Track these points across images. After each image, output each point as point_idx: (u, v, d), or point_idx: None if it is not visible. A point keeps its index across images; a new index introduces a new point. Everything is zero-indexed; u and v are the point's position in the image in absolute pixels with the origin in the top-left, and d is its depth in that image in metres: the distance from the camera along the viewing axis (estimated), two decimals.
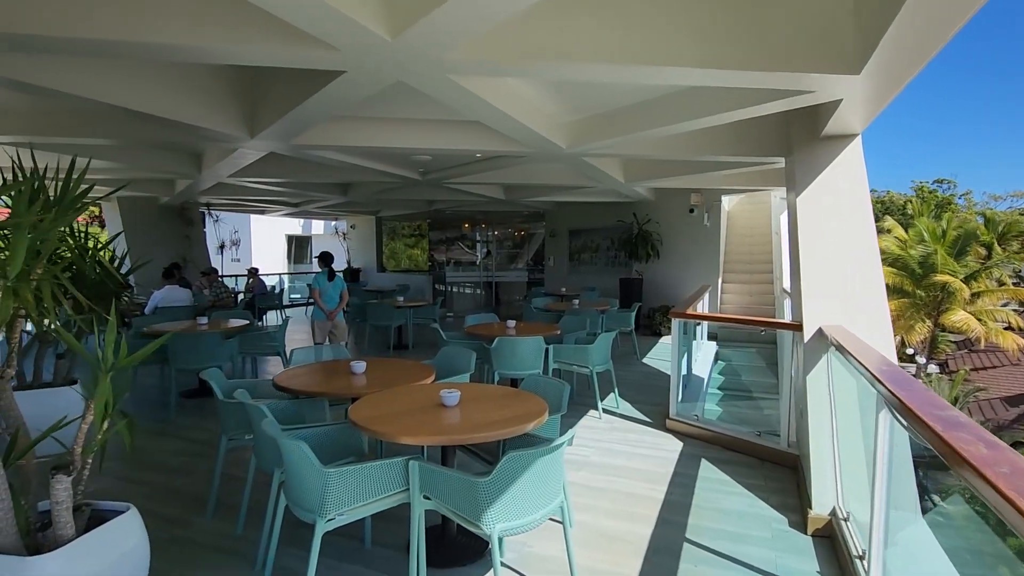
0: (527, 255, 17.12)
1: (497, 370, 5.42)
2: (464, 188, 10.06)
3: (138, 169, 8.16)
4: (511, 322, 6.19)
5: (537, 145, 6.07)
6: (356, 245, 17.49)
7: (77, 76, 4.38)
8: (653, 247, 11.64)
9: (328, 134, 5.92)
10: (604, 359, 5.75)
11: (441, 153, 6.85)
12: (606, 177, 8.29)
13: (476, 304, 15.82)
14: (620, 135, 5.57)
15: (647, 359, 8.61)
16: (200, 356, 5.56)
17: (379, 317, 8.91)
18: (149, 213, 12.11)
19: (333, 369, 3.99)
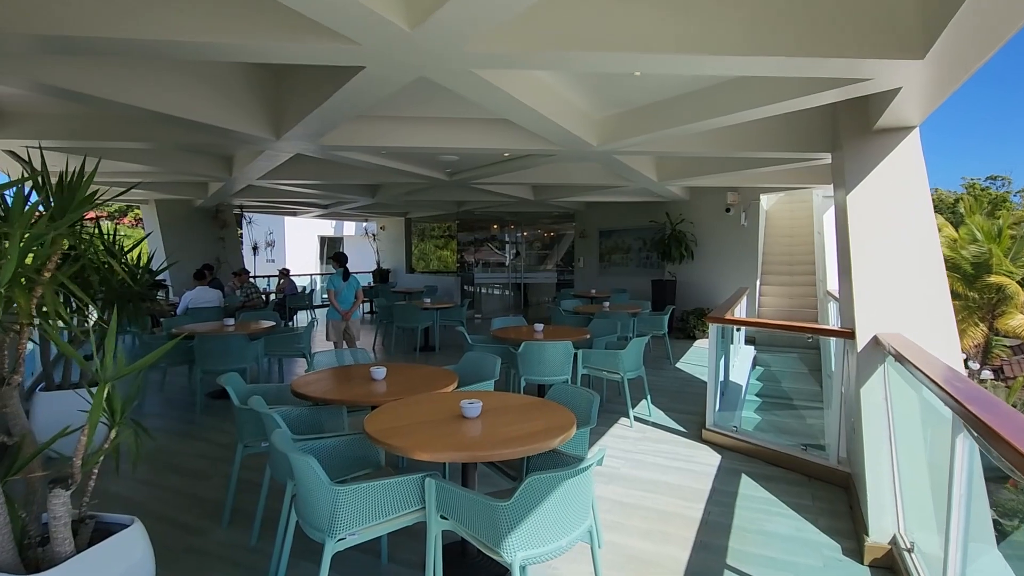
0: (557, 256, 16.88)
1: (524, 376, 5.23)
2: (492, 188, 9.91)
3: (172, 172, 8.25)
4: (539, 326, 5.99)
5: (566, 143, 5.85)
6: (385, 246, 17.54)
7: (109, 81, 4.38)
8: (687, 248, 11.26)
9: (353, 134, 5.82)
10: (636, 365, 5.49)
11: (468, 152, 6.69)
12: (638, 176, 8.01)
13: (505, 306, 15.66)
14: (654, 131, 5.31)
15: (681, 364, 8.29)
16: (225, 358, 5.53)
17: (405, 319, 8.81)
18: (185, 215, 12.33)
19: (353, 374, 3.85)
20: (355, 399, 3.32)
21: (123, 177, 8.72)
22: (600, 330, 6.62)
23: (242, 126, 5.26)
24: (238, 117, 5.21)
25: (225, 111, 5.11)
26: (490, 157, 7.49)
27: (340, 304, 7.13)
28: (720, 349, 5.38)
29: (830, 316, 8.50)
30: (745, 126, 5.92)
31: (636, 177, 8.18)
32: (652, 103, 5.34)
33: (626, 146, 5.93)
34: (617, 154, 6.43)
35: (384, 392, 3.48)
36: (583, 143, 5.78)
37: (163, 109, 4.66)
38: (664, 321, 8.37)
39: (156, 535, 3.29)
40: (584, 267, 14.29)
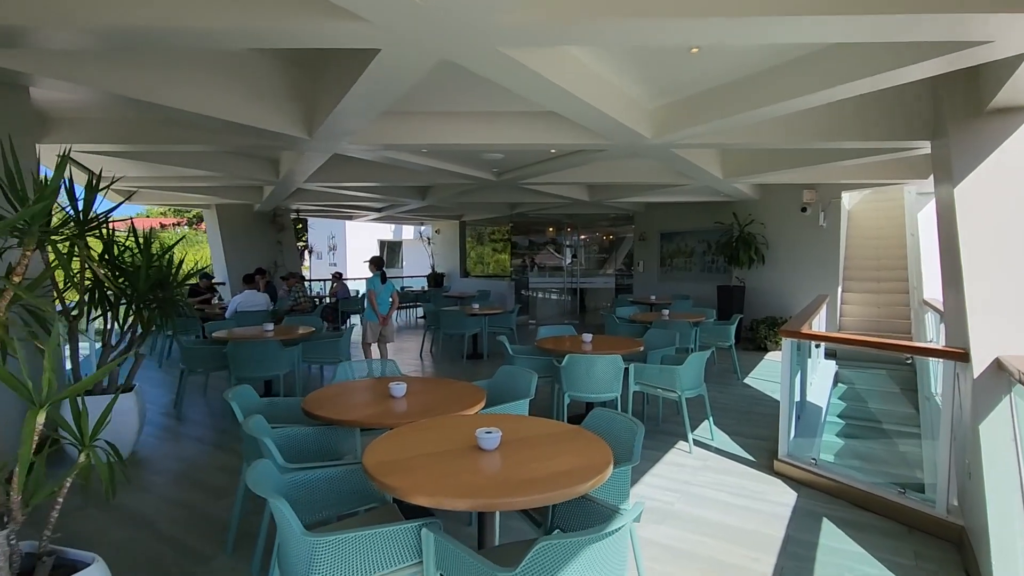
0: (616, 260, 16.20)
1: (568, 392, 4.73)
2: (545, 189, 9.45)
3: (226, 176, 8.31)
4: (587, 336, 5.47)
5: (617, 136, 5.32)
6: (440, 250, 17.43)
7: (144, 82, 4.28)
8: (757, 251, 10.36)
9: (387, 131, 5.54)
10: (696, 383, 4.87)
11: (512, 149, 6.27)
12: (701, 172, 7.33)
13: (561, 311, 15.13)
14: (715, 120, 4.70)
15: (750, 379, 7.50)
16: (259, 364, 5.36)
17: (452, 325, 8.49)
18: (244, 220, 12.61)
19: (371, 390, 3.50)
20: (366, 420, 2.95)
21: (185, 182, 8.91)
22: (657, 341, 6.02)
23: (277, 125, 5.09)
24: (271, 116, 5.04)
25: (259, 110, 4.95)
26: (537, 154, 7.04)
27: (378, 306, 7.12)
28: (796, 366, 4.68)
29: (928, 329, 7.47)
30: (825, 111, 5.19)
31: (698, 174, 7.49)
32: (712, 88, 4.74)
33: (684, 138, 5.33)
34: (675, 148, 5.82)
35: (401, 412, 3.10)
36: (636, 136, 5.24)
37: (198, 109, 4.54)
38: (730, 331, 7.62)
39: (155, 559, 3.08)
40: (643, 271, 13.55)
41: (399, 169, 8.05)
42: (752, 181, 8.38)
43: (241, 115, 4.83)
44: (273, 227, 13.27)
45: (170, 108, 4.42)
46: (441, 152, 6.88)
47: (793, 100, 4.12)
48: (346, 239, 27.65)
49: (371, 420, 2.95)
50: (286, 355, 5.47)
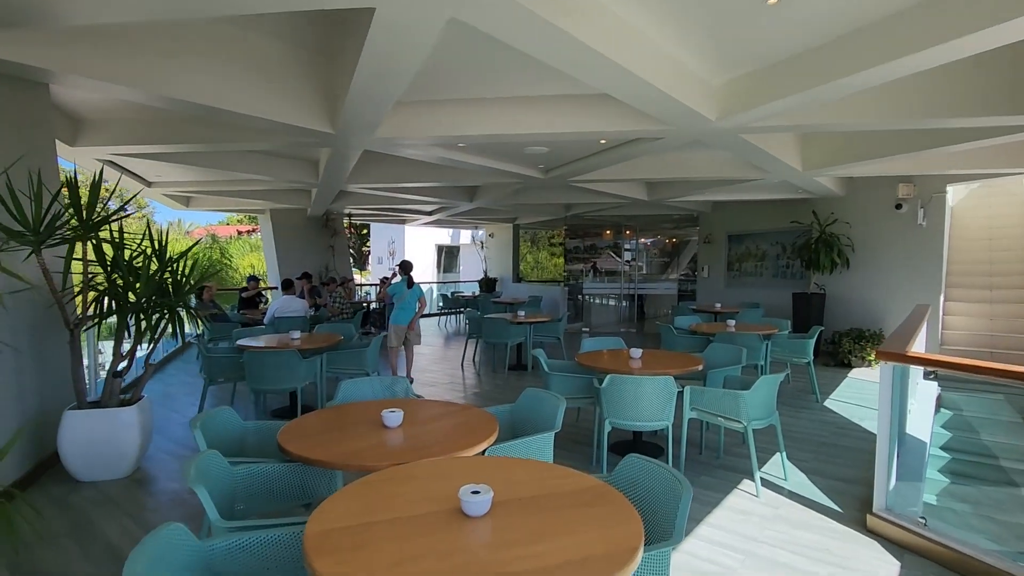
0: (680, 265, 15.16)
1: (609, 419, 4.04)
2: (599, 188, 8.74)
3: (269, 180, 8.15)
4: (636, 352, 4.75)
5: (677, 119, 4.58)
6: (494, 254, 16.97)
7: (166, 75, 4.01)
8: (840, 254, 9.18)
9: (414, 124, 5.06)
10: (766, 411, 4.05)
11: (556, 140, 5.63)
12: (776, 164, 6.41)
13: (618, 319, 14.28)
14: (795, 93, 3.89)
15: (831, 402, 6.48)
16: (276, 375, 4.99)
17: (494, 333, 7.93)
18: (297, 224, 12.62)
19: (362, 417, 2.96)
20: (343, 460, 2.41)
21: (238, 186, 8.85)
22: (719, 358, 5.20)
23: (298, 119, 4.71)
24: (294, 110, 4.68)
25: (281, 104, 4.60)
26: (585, 146, 6.36)
27: (404, 311, 7.04)
28: (897, 395, 3.78)
29: None
30: (933, 78, 4.25)
31: (773, 166, 6.57)
32: (790, 56, 3.93)
33: (756, 120, 4.52)
34: (745, 132, 5.00)
35: (388, 449, 2.54)
36: (698, 118, 4.48)
37: (217, 103, 4.22)
38: (808, 346, 6.63)
39: None
40: (708, 277, 12.50)
41: (444, 169, 7.61)
42: (837, 173, 7.33)
43: (262, 109, 4.49)
44: (326, 231, 13.22)
45: (188, 102, 4.12)
46: (479, 147, 6.34)
47: (893, 64, 3.27)
48: (404, 244, 27.80)
49: (350, 459, 2.41)
50: (304, 366, 5.07)
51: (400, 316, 7.03)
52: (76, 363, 4.07)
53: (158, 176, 8.08)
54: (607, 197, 9.86)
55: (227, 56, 4.21)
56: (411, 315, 7.03)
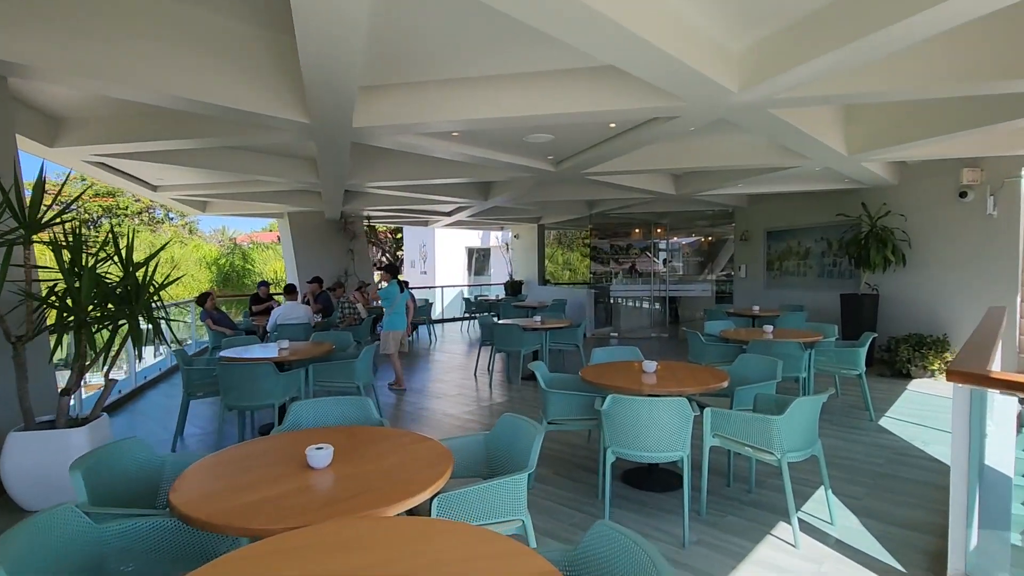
0: (717, 265, 14.25)
1: (611, 448, 3.39)
2: (619, 181, 8.06)
3: (270, 180, 7.82)
4: (650, 365, 4.08)
5: (691, 91, 3.91)
6: (520, 256, 16.38)
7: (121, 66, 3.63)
8: (895, 250, 8.20)
9: (398, 108, 4.52)
10: (804, 440, 3.32)
11: (557, 124, 5.01)
12: (816, 147, 5.62)
13: (651, 323, 13.46)
14: (828, 52, 3.17)
15: (888, 420, 5.62)
16: (250, 391, 4.53)
17: (506, 341, 7.33)
18: (315, 227, 12.35)
19: (288, 454, 2.41)
20: (227, 520, 1.84)
21: (262, 187, 8.56)
22: (750, 371, 4.47)
23: (270, 108, 4.27)
24: (263, 98, 4.24)
25: (251, 91, 4.16)
26: (594, 131, 5.71)
27: (398, 315, 6.85)
28: (976, 425, 3.01)
29: None
30: (1005, 24, 3.45)
31: (814, 150, 5.77)
32: (824, 4, 3.20)
33: (785, 88, 3.79)
34: (774, 106, 4.26)
35: (296, 503, 1.98)
36: (717, 89, 3.80)
37: (203, 97, 3.85)
38: (859, 355, 5.77)
39: None
40: (745, 277, 11.59)
41: (451, 164, 7.10)
42: (888, 157, 6.45)
43: (228, 97, 4.06)
44: (345, 235, 12.91)
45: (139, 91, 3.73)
46: (475, 136, 5.77)
47: (953, 3, 2.54)
48: (435, 247, 27.55)
49: (229, 519, 1.84)
50: (282, 381, 4.60)
51: (396, 321, 6.75)
52: (21, 380, 3.69)
53: (160, 180, 7.85)
54: (631, 192, 9.14)
55: (181, 38, 3.78)
56: (403, 319, 6.81)
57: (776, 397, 3.80)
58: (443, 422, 5.64)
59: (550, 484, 4.07)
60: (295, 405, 3.09)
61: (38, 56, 3.43)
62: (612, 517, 3.51)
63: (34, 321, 3.68)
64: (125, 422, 5.77)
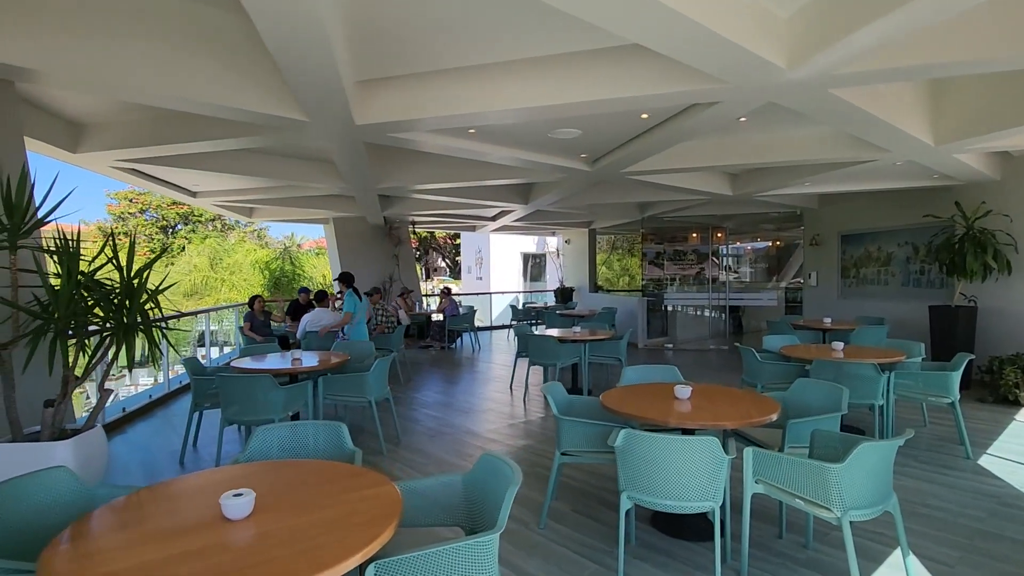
0: (787, 272, 13.14)
1: (627, 492, 2.83)
2: (669, 183, 7.39)
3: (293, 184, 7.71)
4: (683, 391, 3.47)
5: (734, 70, 3.31)
6: (571, 262, 15.78)
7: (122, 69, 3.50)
8: (997, 256, 7.06)
9: (404, 102, 4.16)
10: (873, 495, 2.63)
11: (581, 114, 4.47)
12: (896, 137, 4.80)
13: (711, 333, 12.53)
14: (902, 4, 2.50)
15: (989, 459, 4.67)
16: (250, 404, 4.28)
17: (541, 353, 6.83)
18: (360, 233, 12.32)
19: (209, 501, 2.02)
20: None
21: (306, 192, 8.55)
22: (811, 398, 3.76)
23: (265, 106, 4.02)
24: (257, 96, 3.99)
25: (241, 88, 3.92)
26: (625, 123, 5.13)
27: (361, 326, 6.71)
28: None
29: None
30: None
31: (892, 139, 4.94)
32: None
33: (846, 59, 3.11)
34: (836, 85, 3.56)
35: (198, 569, 1.59)
36: (763, 66, 3.19)
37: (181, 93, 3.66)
38: (952, 380, 4.86)
39: None
40: (816, 286, 10.51)
41: (483, 166, 6.71)
42: (987, 146, 5.48)
43: (223, 96, 3.84)
44: (389, 240, 12.82)
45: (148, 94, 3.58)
46: (494, 133, 5.32)
47: None
48: (490, 253, 27.36)
49: None
50: (282, 395, 4.31)
51: (359, 332, 6.73)
52: (8, 389, 3.56)
53: (196, 185, 7.91)
54: (683, 193, 8.42)
55: (179, 38, 3.58)
56: (365, 329, 6.74)
57: (840, 435, 3.10)
58: (462, 442, 5.21)
59: (567, 523, 3.54)
60: (260, 430, 2.74)
61: (43, 60, 3.35)
62: (632, 573, 2.94)
63: (20, 328, 3.55)
64: (149, 428, 5.70)
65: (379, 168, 7.23)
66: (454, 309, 11.52)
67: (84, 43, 3.44)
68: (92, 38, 3.46)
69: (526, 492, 3.99)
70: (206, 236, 23.78)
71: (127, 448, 5.10)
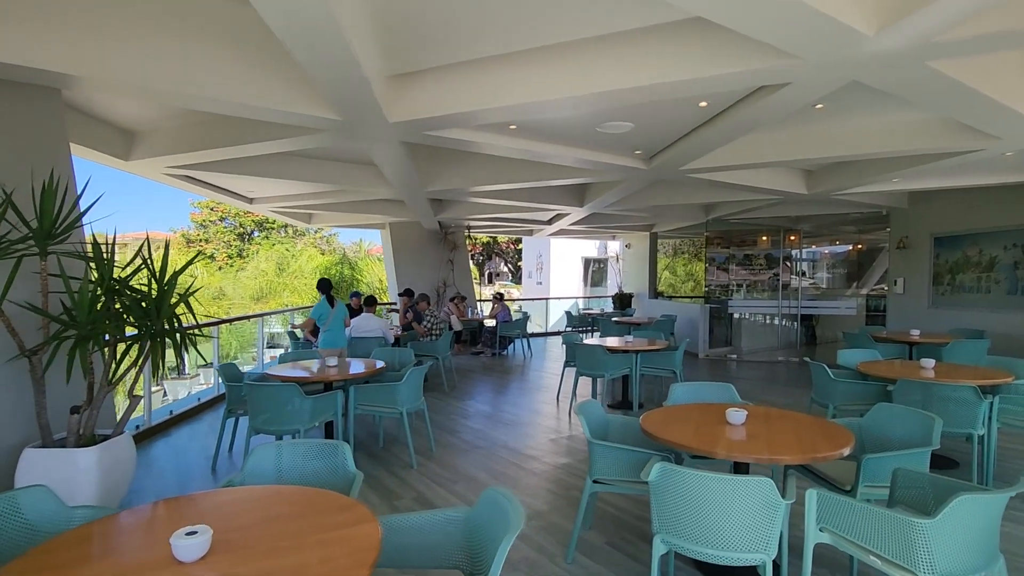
0: (870, 278, 12.06)
1: (661, 535, 2.44)
2: (735, 181, 6.80)
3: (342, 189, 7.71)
4: (738, 415, 3.02)
5: (806, 40, 2.86)
6: (631, 267, 15.17)
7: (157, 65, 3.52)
8: None
9: (436, 95, 3.94)
10: (974, 559, 2.11)
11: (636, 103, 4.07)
12: (1006, 119, 4.13)
13: (778, 344, 11.63)
14: None
15: None
16: (276, 414, 4.16)
17: (588, 364, 6.43)
18: (416, 238, 12.32)
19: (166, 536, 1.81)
20: None
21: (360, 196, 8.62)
22: (893, 428, 3.20)
23: (299, 105, 3.93)
24: (291, 96, 3.89)
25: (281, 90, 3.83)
26: (682, 113, 4.67)
27: (332, 332, 6.46)
28: None
29: None
30: None
31: (1003, 123, 4.25)
32: None
33: (950, 21, 2.57)
34: (934, 56, 3.00)
35: None
36: (842, 32, 2.72)
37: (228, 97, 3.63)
38: None
39: None
40: (903, 294, 9.48)
41: (535, 166, 6.43)
42: None
43: (258, 98, 3.77)
44: (445, 245, 12.76)
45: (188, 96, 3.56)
46: (538, 129, 4.99)
47: None
48: (550, 258, 27.01)
49: None
50: (308, 405, 4.17)
51: (328, 339, 6.45)
52: (39, 395, 3.60)
53: (251, 192, 8.08)
54: (752, 193, 7.78)
55: (198, 32, 3.52)
56: (341, 336, 6.55)
57: (930, 478, 2.56)
58: (497, 458, 4.90)
59: (598, 559, 3.17)
60: (258, 448, 2.56)
61: (86, 66, 3.37)
62: None
63: (50, 334, 3.58)
64: (192, 433, 5.76)
65: (427, 170, 7.09)
66: (506, 315, 11.27)
67: (120, 46, 3.44)
68: (128, 41, 3.45)
69: (558, 520, 3.64)
70: (275, 243, 24.82)
71: (167, 452, 5.15)
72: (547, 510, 3.81)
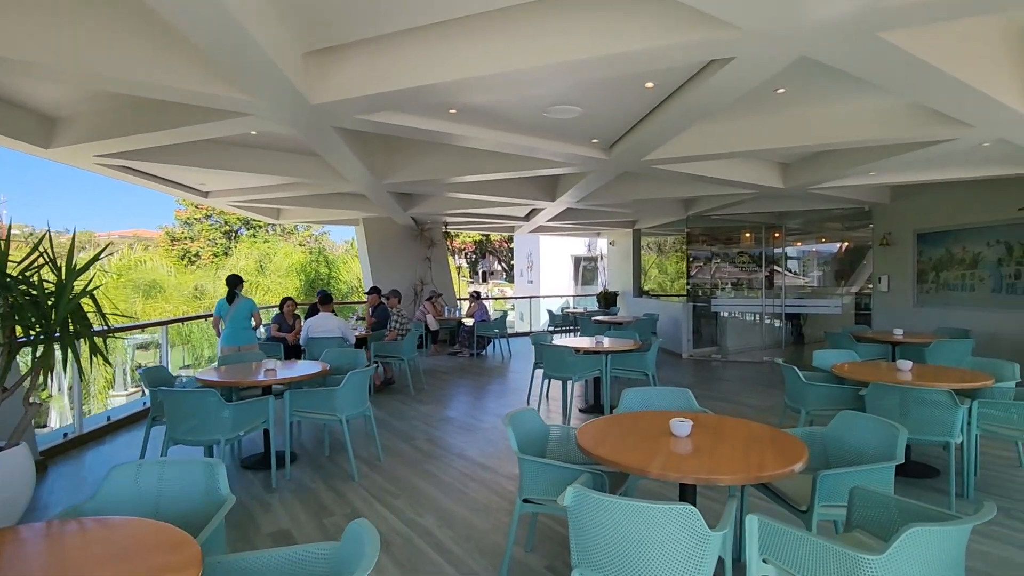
0: (857, 276, 11.77)
1: (579, 569, 2.11)
2: (707, 174, 6.49)
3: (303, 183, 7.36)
4: (683, 426, 2.69)
5: (742, 8, 2.52)
6: (615, 264, 14.86)
7: None
8: None
9: (348, 77, 3.62)
10: None
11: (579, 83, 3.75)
12: (979, 104, 3.82)
13: (766, 343, 11.33)
14: None
15: None
16: (195, 424, 3.82)
17: (557, 366, 6.10)
18: (392, 234, 11.96)
19: None
20: None
21: (294, 191, 8.24)
22: (857, 439, 2.90)
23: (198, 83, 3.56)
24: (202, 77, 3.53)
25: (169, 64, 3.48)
26: (630, 97, 4.35)
27: (229, 330, 6.32)
28: None
29: None
30: None
31: (976, 109, 3.94)
32: None
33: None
34: (886, 26, 2.69)
35: None
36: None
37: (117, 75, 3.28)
38: None
39: None
40: (888, 292, 9.20)
41: (497, 156, 6.10)
42: None
43: (171, 77, 3.42)
44: (422, 242, 12.41)
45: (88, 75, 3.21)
46: (478, 112, 4.65)
47: None
48: (540, 256, 26.70)
49: None
50: (230, 414, 3.83)
51: (228, 335, 6.30)
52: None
53: (202, 184, 7.71)
54: (726, 186, 7.47)
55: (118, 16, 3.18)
56: (246, 333, 6.39)
57: (891, 500, 2.25)
58: (447, 468, 4.57)
59: None
60: (117, 469, 2.22)
61: None
62: None
63: None
64: (130, 441, 5.41)
65: (385, 162, 6.75)
66: (484, 314, 10.94)
67: None
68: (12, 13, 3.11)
69: (498, 540, 3.32)
70: (261, 241, 24.39)
71: (95, 461, 4.81)
72: (488, 529, 3.49)
